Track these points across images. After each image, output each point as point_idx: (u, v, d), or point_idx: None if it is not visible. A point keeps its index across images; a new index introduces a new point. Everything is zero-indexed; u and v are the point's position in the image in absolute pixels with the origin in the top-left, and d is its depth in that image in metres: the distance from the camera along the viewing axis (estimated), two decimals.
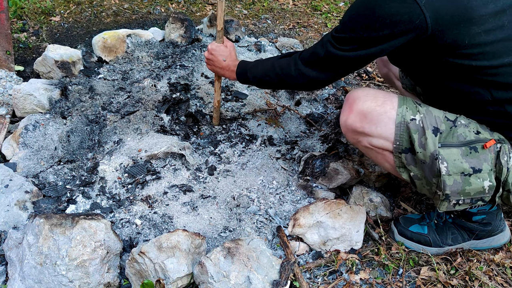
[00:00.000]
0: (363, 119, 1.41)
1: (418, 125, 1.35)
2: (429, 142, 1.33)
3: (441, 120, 1.37)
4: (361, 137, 1.46)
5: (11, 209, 1.63)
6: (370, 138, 1.43)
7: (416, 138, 1.34)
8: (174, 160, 1.96)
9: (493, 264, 1.58)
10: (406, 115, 1.36)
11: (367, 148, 1.48)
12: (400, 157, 1.40)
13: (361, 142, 1.48)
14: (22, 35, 2.89)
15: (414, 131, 1.35)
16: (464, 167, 1.33)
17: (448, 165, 1.32)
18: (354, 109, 1.44)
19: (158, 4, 3.56)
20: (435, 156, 1.32)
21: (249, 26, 3.39)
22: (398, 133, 1.37)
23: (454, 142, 1.35)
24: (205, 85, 2.44)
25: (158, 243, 1.41)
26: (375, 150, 1.46)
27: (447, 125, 1.36)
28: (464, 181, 1.34)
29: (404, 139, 1.37)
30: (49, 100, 2.18)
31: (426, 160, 1.34)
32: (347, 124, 1.46)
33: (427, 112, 1.38)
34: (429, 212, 1.73)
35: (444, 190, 1.34)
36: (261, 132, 2.22)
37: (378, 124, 1.40)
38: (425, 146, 1.34)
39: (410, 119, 1.36)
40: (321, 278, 1.54)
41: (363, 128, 1.42)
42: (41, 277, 1.34)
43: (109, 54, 2.62)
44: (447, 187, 1.34)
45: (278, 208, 1.80)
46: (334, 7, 3.86)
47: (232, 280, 1.34)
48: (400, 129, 1.36)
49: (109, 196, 1.79)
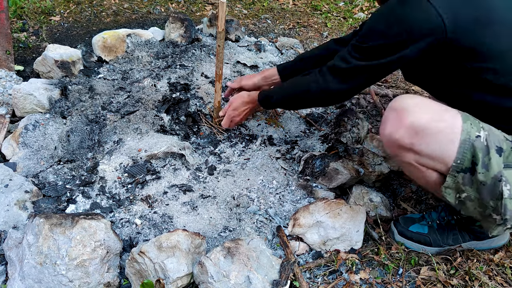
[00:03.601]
0: (415, 135, 1.26)
1: (482, 143, 1.23)
2: (493, 163, 1.21)
3: (502, 139, 1.26)
4: (407, 153, 1.31)
5: (11, 209, 1.63)
6: (419, 156, 1.30)
7: (480, 158, 1.22)
8: (174, 160, 1.96)
9: (493, 264, 1.58)
10: (472, 132, 1.23)
11: (409, 164, 1.35)
12: (456, 176, 1.26)
13: (404, 157, 1.34)
14: (22, 34, 2.89)
15: (479, 150, 1.22)
16: None
17: (511, 188, 1.22)
18: (404, 122, 1.27)
19: (158, 3, 3.56)
20: (498, 178, 1.21)
21: (249, 26, 3.39)
22: (461, 151, 1.23)
23: None
24: (205, 85, 2.44)
25: (158, 243, 1.41)
26: (417, 167, 1.34)
27: (507, 145, 1.26)
28: None
29: (466, 158, 1.23)
30: (49, 100, 2.18)
31: (487, 182, 1.22)
32: (394, 138, 1.30)
33: (490, 129, 1.26)
34: (429, 212, 1.72)
35: (505, 214, 1.23)
36: (261, 132, 2.22)
37: (434, 143, 1.26)
38: (488, 167, 1.21)
39: (476, 136, 1.23)
40: (321, 278, 1.54)
41: (413, 145, 1.28)
42: (41, 276, 1.34)
43: (109, 53, 2.62)
44: (508, 212, 1.23)
45: (278, 208, 1.80)
46: (334, 7, 3.85)
47: (232, 280, 1.34)
48: (465, 147, 1.23)
49: (109, 196, 1.79)
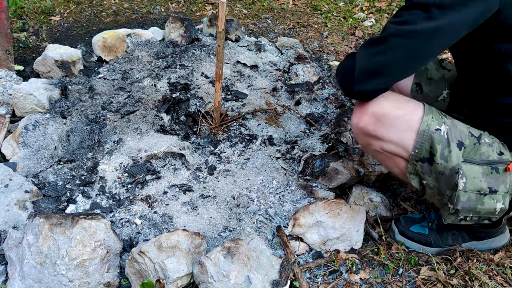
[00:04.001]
0: (377, 122, 1.35)
1: (442, 136, 1.30)
2: (452, 155, 1.29)
3: (466, 135, 1.32)
4: (373, 140, 1.40)
5: (11, 209, 1.63)
6: (382, 142, 1.37)
7: (438, 149, 1.29)
8: (174, 159, 1.95)
9: (493, 264, 1.58)
10: (432, 124, 1.31)
11: (377, 151, 1.43)
12: (416, 165, 1.35)
13: (372, 145, 1.42)
14: (22, 34, 2.88)
15: (438, 142, 1.29)
16: (482, 186, 1.30)
17: (466, 181, 1.29)
18: (367, 110, 1.35)
19: (158, 3, 3.56)
20: (456, 170, 1.28)
21: (249, 26, 3.39)
22: (419, 141, 1.31)
23: (476, 159, 1.31)
24: (205, 85, 2.44)
25: (158, 242, 1.41)
26: (385, 154, 1.41)
27: (471, 141, 1.32)
28: (478, 200, 1.31)
29: (424, 148, 1.31)
30: (49, 100, 2.18)
31: (445, 172, 1.30)
32: (359, 126, 1.39)
33: (452, 125, 1.33)
34: (429, 212, 1.72)
35: (456, 205, 1.32)
36: (261, 132, 2.22)
37: (394, 129, 1.34)
38: (447, 158, 1.29)
39: (435, 129, 1.30)
40: (321, 277, 1.54)
41: (376, 132, 1.36)
42: (41, 276, 1.34)
43: (109, 53, 2.62)
44: (460, 203, 1.31)
45: (278, 207, 1.80)
46: (334, 7, 3.85)
47: (232, 280, 1.34)
48: (423, 137, 1.31)
49: (109, 196, 1.79)
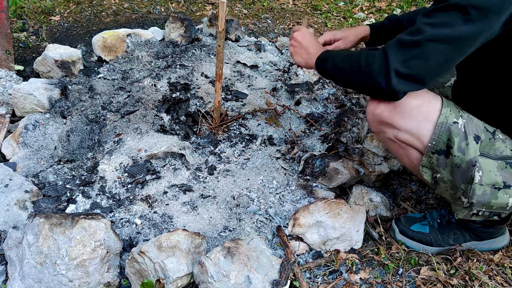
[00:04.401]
0: (394, 109, 1.34)
1: (460, 129, 1.30)
2: (470, 148, 1.29)
3: (482, 129, 1.33)
4: (387, 128, 1.39)
5: (11, 209, 1.63)
6: (397, 131, 1.37)
7: (456, 142, 1.29)
8: (174, 159, 1.95)
9: (493, 264, 1.58)
10: (450, 117, 1.31)
11: (390, 140, 1.42)
12: (431, 157, 1.34)
13: (386, 133, 1.41)
14: (22, 34, 2.89)
15: (456, 134, 1.30)
16: (497, 180, 1.31)
17: (483, 174, 1.30)
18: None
19: (158, 3, 3.56)
20: (473, 163, 1.29)
21: (249, 26, 3.38)
22: (437, 133, 1.31)
23: (491, 154, 1.32)
24: (205, 85, 2.44)
25: (158, 242, 1.41)
26: (398, 143, 1.40)
27: (486, 136, 1.33)
28: (492, 194, 1.32)
29: (441, 141, 1.31)
30: (49, 100, 2.18)
31: (461, 165, 1.30)
32: (375, 113, 1.38)
33: (469, 118, 1.33)
34: (430, 211, 1.72)
35: (471, 198, 1.32)
36: (261, 132, 2.22)
37: (410, 118, 1.33)
38: (464, 151, 1.29)
39: (453, 122, 1.30)
40: (321, 277, 1.54)
41: (392, 119, 1.35)
42: (41, 276, 1.34)
43: (109, 53, 2.62)
44: (475, 196, 1.32)
45: (278, 207, 1.80)
46: (334, 7, 3.85)
47: (232, 280, 1.34)
48: (441, 129, 1.30)
49: (109, 196, 1.79)
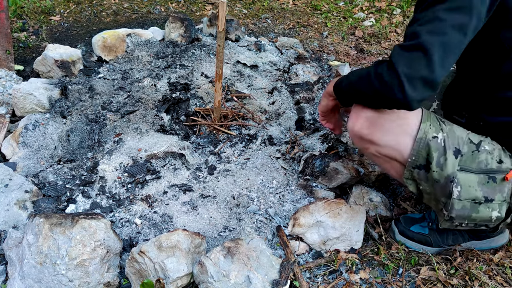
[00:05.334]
0: (371, 126, 1.34)
1: (439, 144, 1.29)
2: (448, 163, 1.28)
3: (464, 142, 1.31)
4: (368, 144, 1.39)
5: (11, 209, 1.63)
6: (378, 146, 1.37)
7: (435, 157, 1.29)
8: (174, 159, 1.95)
9: (493, 264, 1.58)
10: (429, 132, 1.30)
11: (374, 155, 1.43)
12: (412, 171, 1.35)
13: (369, 149, 1.41)
14: (22, 34, 2.88)
15: (435, 150, 1.29)
16: (477, 195, 1.30)
17: (461, 190, 1.29)
18: (362, 114, 1.35)
19: (158, 3, 3.56)
20: (450, 179, 1.29)
21: (249, 26, 3.38)
22: (416, 149, 1.30)
23: (473, 168, 1.30)
24: (205, 85, 2.44)
25: (158, 242, 1.41)
26: (382, 158, 1.41)
27: (469, 148, 1.31)
28: (472, 208, 1.31)
29: (421, 156, 1.31)
30: (49, 100, 2.18)
31: (440, 180, 1.30)
32: (354, 130, 1.39)
33: (450, 132, 1.32)
34: (429, 212, 1.72)
35: (450, 212, 1.33)
36: (261, 131, 2.22)
37: (389, 134, 1.33)
38: (442, 167, 1.29)
39: (432, 137, 1.30)
40: (321, 277, 1.54)
41: (371, 136, 1.36)
42: (41, 276, 1.34)
43: (109, 53, 2.62)
44: (454, 211, 1.32)
45: (278, 207, 1.80)
46: (334, 7, 3.85)
47: (232, 280, 1.34)
48: (420, 145, 1.30)
49: (109, 196, 1.79)
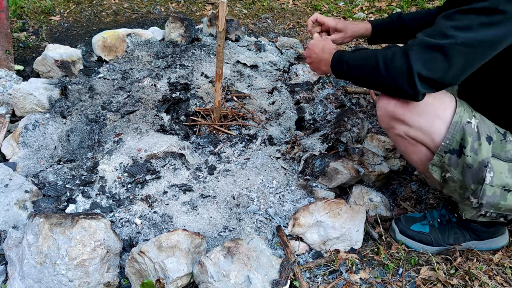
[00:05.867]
0: (407, 106, 1.33)
1: (473, 129, 1.29)
2: (483, 148, 1.28)
3: (493, 130, 1.33)
4: (398, 124, 1.38)
5: (11, 209, 1.63)
6: (408, 128, 1.36)
7: (469, 142, 1.28)
8: (174, 159, 1.95)
9: (493, 264, 1.58)
10: (464, 116, 1.30)
11: (400, 136, 1.41)
12: (443, 156, 1.33)
13: (396, 129, 1.40)
14: (22, 34, 2.88)
15: (469, 134, 1.29)
16: (508, 182, 1.31)
17: (494, 175, 1.30)
18: None
19: (158, 3, 3.56)
20: (485, 164, 1.29)
21: (249, 26, 3.38)
22: (451, 132, 1.30)
23: (502, 156, 1.32)
24: (205, 85, 2.44)
25: (158, 242, 1.41)
26: (408, 140, 1.39)
27: (498, 137, 1.33)
28: (502, 196, 1.32)
29: (455, 140, 1.30)
30: (49, 100, 2.18)
31: (473, 165, 1.30)
32: (388, 109, 1.37)
33: (481, 119, 1.33)
34: (430, 211, 1.72)
35: (481, 199, 1.33)
36: (261, 131, 2.22)
37: (424, 116, 1.33)
38: (477, 152, 1.29)
39: (467, 122, 1.30)
40: (321, 277, 1.54)
41: (404, 116, 1.34)
42: (41, 276, 1.34)
43: (109, 53, 2.62)
44: (485, 197, 1.32)
45: (278, 207, 1.80)
46: (334, 7, 3.85)
47: (232, 280, 1.34)
48: (455, 128, 1.29)
49: (109, 196, 1.79)
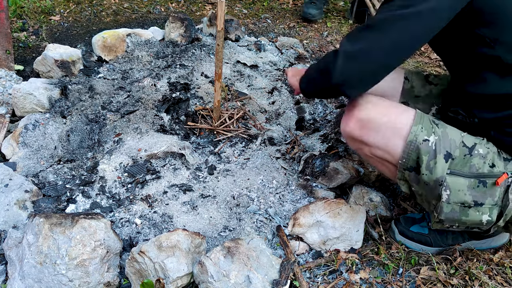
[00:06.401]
0: (363, 127, 1.36)
1: (430, 147, 1.28)
2: (438, 167, 1.28)
3: (457, 145, 1.30)
4: (361, 145, 1.41)
5: (11, 209, 1.63)
6: (371, 148, 1.38)
7: (424, 160, 1.28)
8: (174, 159, 1.95)
9: (493, 264, 1.58)
10: (420, 135, 1.29)
11: (368, 156, 1.44)
12: (404, 172, 1.35)
13: (362, 150, 1.43)
14: (22, 34, 2.88)
15: (425, 153, 1.28)
16: (466, 199, 1.30)
17: (450, 193, 1.29)
18: (354, 116, 1.37)
19: (158, 3, 3.56)
20: (439, 182, 1.28)
21: (249, 26, 3.38)
22: (406, 151, 1.30)
23: (465, 171, 1.29)
24: (205, 85, 2.44)
25: (158, 242, 1.41)
26: (375, 159, 1.42)
27: (461, 152, 1.30)
28: (462, 212, 1.31)
29: (411, 158, 1.31)
30: (49, 100, 2.18)
31: (429, 183, 1.30)
32: (346, 131, 1.41)
33: (443, 135, 1.30)
34: None
35: (440, 215, 1.33)
36: (261, 131, 2.22)
37: (380, 135, 1.34)
38: (432, 170, 1.28)
39: (423, 140, 1.29)
40: (321, 277, 1.54)
41: (362, 137, 1.37)
42: (41, 276, 1.34)
43: (109, 53, 2.62)
44: (443, 214, 1.32)
45: (278, 207, 1.80)
46: (333, 7, 3.85)
47: (232, 280, 1.34)
48: (410, 147, 1.30)
49: (109, 196, 1.79)
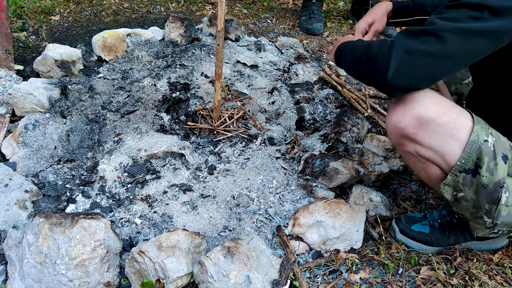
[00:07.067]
0: (420, 126, 1.27)
1: (489, 148, 1.23)
2: (499, 168, 1.23)
3: (508, 148, 1.28)
4: (408, 142, 1.32)
5: (11, 209, 1.63)
6: (419, 146, 1.30)
7: (485, 161, 1.23)
8: (174, 159, 1.95)
9: (493, 264, 1.58)
10: (481, 135, 1.24)
11: (410, 154, 1.36)
12: (457, 176, 1.27)
13: (406, 146, 1.34)
14: (21, 34, 2.88)
15: (486, 154, 1.23)
16: None
17: (509, 195, 1.26)
18: (411, 111, 1.27)
19: (158, 3, 3.56)
20: (501, 184, 1.24)
21: (249, 26, 3.38)
22: (467, 151, 1.23)
23: None
24: (205, 85, 2.44)
25: (158, 242, 1.41)
26: (418, 158, 1.34)
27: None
28: None
29: (471, 159, 1.24)
30: (48, 99, 2.18)
31: (488, 186, 1.24)
32: (398, 127, 1.31)
33: (497, 136, 1.27)
34: (431, 211, 1.72)
35: (496, 219, 1.29)
36: (261, 131, 2.22)
37: (436, 136, 1.26)
38: (493, 172, 1.23)
39: (484, 140, 1.23)
40: (321, 277, 1.54)
41: (416, 135, 1.28)
42: (41, 276, 1.34)
43: (109, 53, 2.62)
44: (500, 217, 1.28)
45: (278, 207, 1.80)
46: (333, 7, 3.85)
47: (232, 280, 1.34)
48: (471, 148, 1.23)
49: (109, 196, 1.79)
